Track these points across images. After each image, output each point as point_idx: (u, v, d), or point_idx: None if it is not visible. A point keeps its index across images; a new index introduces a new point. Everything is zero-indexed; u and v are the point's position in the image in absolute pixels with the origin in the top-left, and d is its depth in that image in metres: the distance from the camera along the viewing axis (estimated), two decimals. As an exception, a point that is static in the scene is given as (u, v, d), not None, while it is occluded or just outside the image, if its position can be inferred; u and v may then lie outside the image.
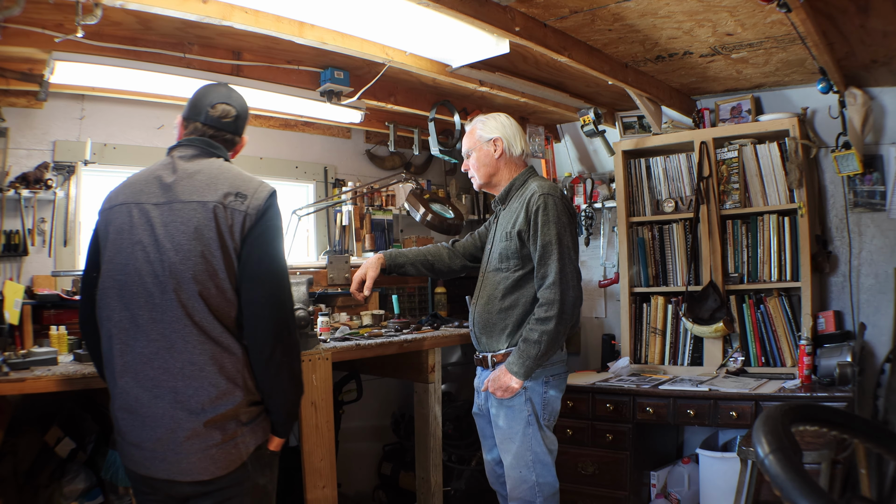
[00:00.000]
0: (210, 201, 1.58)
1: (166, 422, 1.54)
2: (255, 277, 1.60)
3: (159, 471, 1.57)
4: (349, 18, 2.34)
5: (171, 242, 1.56)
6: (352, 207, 3.77)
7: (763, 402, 2.85)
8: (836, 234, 3.36)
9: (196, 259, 1.55)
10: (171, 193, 1.60)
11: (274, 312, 1.60)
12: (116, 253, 1.60)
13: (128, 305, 1.57)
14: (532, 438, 2.23)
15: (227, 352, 1.57)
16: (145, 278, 1.56)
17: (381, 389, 3.85)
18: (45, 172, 2.67)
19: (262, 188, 1.65)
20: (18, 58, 2.41)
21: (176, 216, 1.58)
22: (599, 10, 2.38)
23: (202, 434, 1.54)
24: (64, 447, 2.34)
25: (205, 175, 1.63)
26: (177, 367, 1.54)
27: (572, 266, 2.20)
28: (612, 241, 3.99)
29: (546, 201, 2.22)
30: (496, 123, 2.39)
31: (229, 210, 1.58)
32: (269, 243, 1.63)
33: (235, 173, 1.67)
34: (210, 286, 1.56)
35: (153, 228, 1.58)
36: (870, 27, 2.48)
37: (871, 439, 1.40)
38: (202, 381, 1.54)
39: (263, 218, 1.61)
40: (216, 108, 1.73)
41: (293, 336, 1.66)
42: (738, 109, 3.49)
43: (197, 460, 1.54)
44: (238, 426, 1.59)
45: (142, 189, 1.64)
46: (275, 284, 1.62)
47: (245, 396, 1.59)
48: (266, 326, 1.59)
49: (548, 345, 2.16)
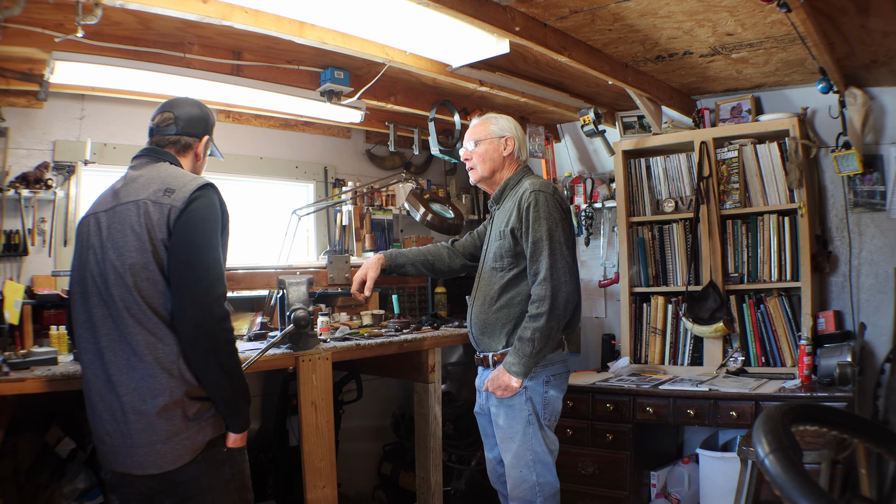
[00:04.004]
0: (141, 199, 1.67)
1: (116, 415, 1.62)
2: (177, 266, 1.64)
3: (118, 464, 1.65)
4: (349, 18, 2.34)
5: (111, 242, 1.67)
6: (352, 207, 3.77)
7: (763, 402, 2.85)
8: (836, 234, 3.36)
9: (129, 254, 1.64)
10: (116, 199, 1.72)
11: (195, 300, 1.63)
12: (77, 259, 1.75)
13: (85, 304, 1.69)
14: (532, 438, 2.23)
15: (161, 342, 1.62)
16: (95, 278, 1.67)
17: (381, 389, 3.85)
18: (45, 172, 2.67)
19: (192, 182, 1.70)
20: (18, 58, 2.41)
21: (116, 218, 1.69)
22: (599, 10, 2.38)
23: (146, 428, 1.60)
24: (64, 447, 2.35)
25: (145, 178, 1.73)
26: (123, 359, 1.62)
27: (564, 262, 2.19)
28: (612, 241, 3.99)
29: (537, 197, 2.21)
30: (509, 124, 2.40)
31: (157, 205, 1.66)
32: (191, 232, 1.66)
33: (172, 173, 1.75)
34: (143, 279, 1.63)
35: (101, 232, 1.70)
36: (870, 27, 2.48)
37: (871, 439, 1.40)
38: (142, 371, 1.60)
39: (189, 208, 1.66)
40: (156, 118, 1.87)
41: (217, 324, 1.65)
42: (738, 109, 3.49)
43: (145, 454, 1.60)
44: (184, 421, 1.62)
45: (101, 200, 1.78)
46: (195, 272, 1.64)
47: (181, 387, 1.62)
48: (187, 313, 1.63)
49: (541, 341, 2.16)
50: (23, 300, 2.38)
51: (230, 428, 1.72)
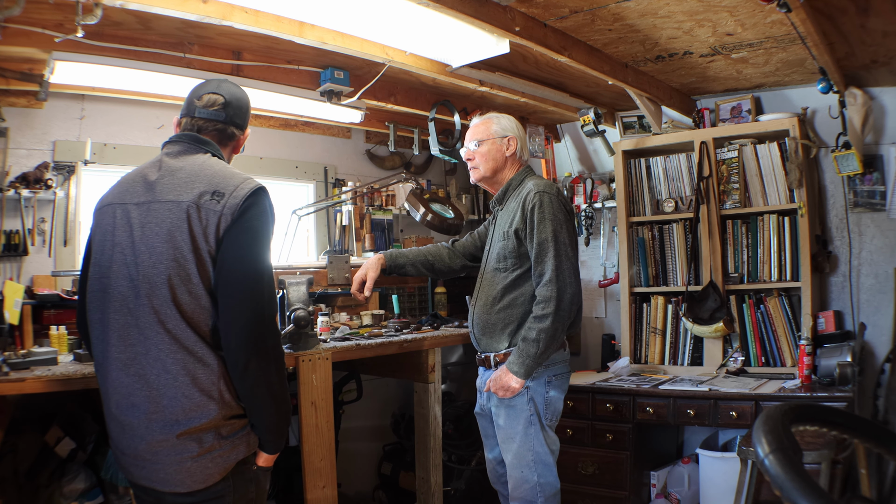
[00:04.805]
0: (184, 201, 1.50)
1: (141, 431, 1.49)
2: (228, 283, 1.49)
3: (141, 478, 1.53)
4: (349, 18, 2.34)
5: (145, 245, 1.50)
6: (352, 207, 3.77)
7: (763, 402, 2.85)
8: (836, 234, 3.36)
9: (168, 263, 1.47)
10: (151, 193, 1.54)
11: (248, 322, 1.49)
12: (100, 255, 1.57)
13: (107, 309, 1.53)
14: (534, 438, 2.23)
15: (200, 363, 1.48)
16: (122, 282, 1.51)
17: (381, 389, 3.85)
18: (45, 172, 2.66)
19: (243, 186, 1.53)
20: (18, 58, 2.41)
21: (152, 217, 1.51)
22: (599, 10, 2.38)
23: (176, 446, 1.47)
24: (64, 447, 2.34)
25: (186, 172, 1.55)
26: (152, 374, 1.48)
27: (569, 263, 2.20)
28: (612, 241, 3.99)
29: (542, 199, 2.21)
30: (511, 124, 2.40)
31: (203, 210, 1.49)
32: (245, 246, 1.51)
33: (218, 170, 1.57)
34: (183, 292, 1.47)
35: (132, 230, 1.52)
36: (870, 27, 2.48)
37: (871, 439, 1.40)
38: (175, 391, 1.47)
39: (241, 219, 1.51)
40: (202, 98, 1.65)
41: (271, 349, 1.54)
42: (738, 109, 3.49)
43: (174, 472, 1.48)
44: (217, 439, 1.50)
45: (127, 189, 1.59)
46: (250, 291, 1.50)
47: (221, 410, 1.50)
48: (239, 337, 1.48)
49: (546, 343, 2.16)
50: (23, 300, 2.37)
51: (265, 448, 1.60)
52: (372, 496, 3.75)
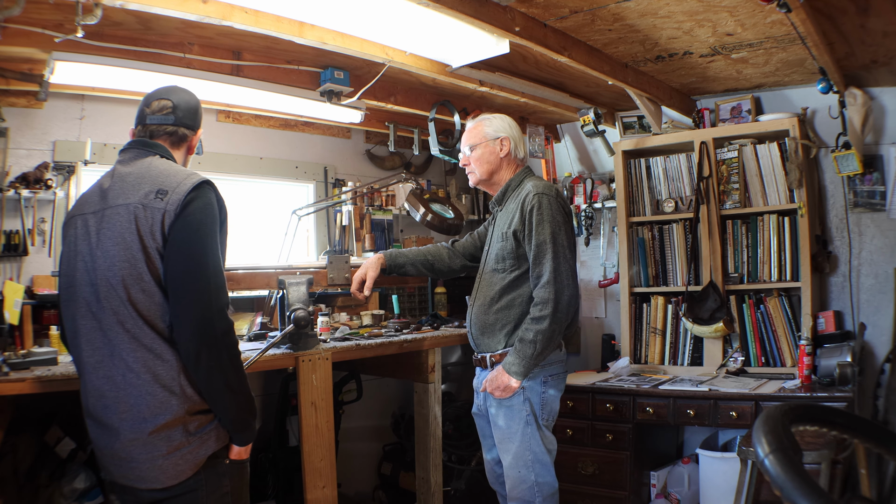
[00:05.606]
0: (132, 203, 1.55)
1: (114, 431, 1.55)
2: (175, 278, 1.54)
3: (119, 476, 1.59)
4: (349, 18, 2.34)
5: (101, 250, 1.56)
6: (352, 207, 3.77)
7: (763, 402, 2.85)
8: (836, 234, 3.36)
9: (121, 264, 1.53)
10: (105, 200, 1.60)
11: (196, 313, 1.52)
12: (66, 265, 1.64)
13: (76, 315, 1.59)
14: (531, 438, 2.23)
15: (159, 359, 1.53)
16: (85, 288, 1.57)
17: (381, 389, 3.85)
18: (45, 172, 2.67)
19: (186, 182, 1.57)
20: (18, 58, 2.41)
21: (106, 222, 1.57)
22: (599, 10, 2.38)
23: (148, 444, 1.52)
24: (64, 447, 2.34)
25: (134, 176, 1.60)
26: (118, 375, 1.53)
27: (567, 265, 2.20)
28: (612, 241, 3.99)
29: (540, 200, 2.22)
30: (503, 124, 2.39)
31: (149, 209, 1.54)
32: (189, 240, 1.54)
33: (163, 169, 1.61)
34: (137, 291, 1.53)
35: (90, 237, 1.58)
36: (870, 27, 2.48)
37: (871, 439, 1.40)
38: (139, 389, 1.52)
39: (184, 213, 1.54)
40: (151, 105, 1.72)
41: (221, 337, 1.56)
42: (738, 109, 3.49)
43: (147, 469, 1.53)
44: (185, 436, 1.55)
45: (86, 199, 1.66)
46: (196, 283, 1.53)
47: (183, 405, 1.54)
48: (188, 329, 1.53)
49: (543, 344, 2.17)
50: (23, 300, 2.37)
51: (234, 441, 1.65)
52: (372, 496, 3.75)
